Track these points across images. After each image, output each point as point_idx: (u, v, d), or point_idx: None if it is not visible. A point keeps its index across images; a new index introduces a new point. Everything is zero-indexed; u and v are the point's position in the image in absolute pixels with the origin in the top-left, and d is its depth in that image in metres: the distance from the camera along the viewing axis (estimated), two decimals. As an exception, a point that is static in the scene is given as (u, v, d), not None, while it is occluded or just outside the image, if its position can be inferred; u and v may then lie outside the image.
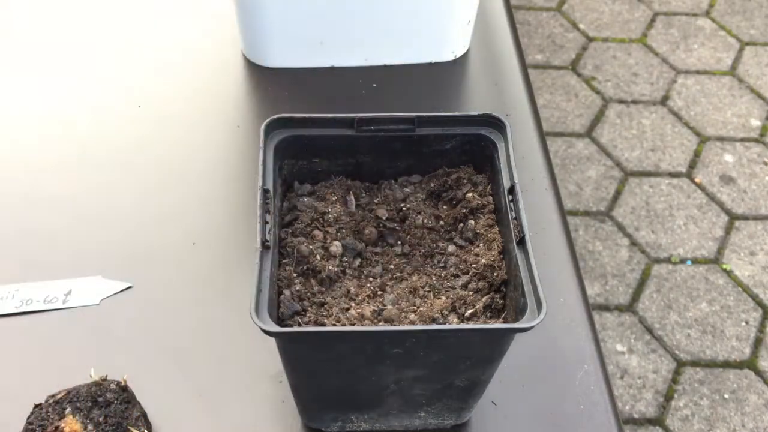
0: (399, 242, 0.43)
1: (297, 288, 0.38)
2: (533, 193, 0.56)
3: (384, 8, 0.60)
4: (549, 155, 0.60)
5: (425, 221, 0.43)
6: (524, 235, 0.37)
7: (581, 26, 1.65)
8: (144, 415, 0.41)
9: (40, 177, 0.56)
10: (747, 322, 1.18)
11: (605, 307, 1.19)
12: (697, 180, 1.37)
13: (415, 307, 0.39)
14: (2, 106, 0.62)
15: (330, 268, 0.39)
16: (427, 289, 0.40)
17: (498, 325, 0.37)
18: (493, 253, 0.40)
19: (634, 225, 1.30)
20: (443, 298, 0.39)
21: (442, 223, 0.43)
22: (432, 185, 0.44)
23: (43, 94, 0.63)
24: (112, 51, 0.67)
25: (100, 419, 0.38)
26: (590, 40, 1.62)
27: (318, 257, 0.40)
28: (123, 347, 0.46)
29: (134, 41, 0.68)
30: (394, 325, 0.36)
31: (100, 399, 0.39)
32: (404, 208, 0.43)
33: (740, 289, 1.22)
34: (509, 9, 0.73)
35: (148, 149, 0.59)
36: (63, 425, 0.37)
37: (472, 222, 0.42)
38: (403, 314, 0.38)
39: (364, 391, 0.39)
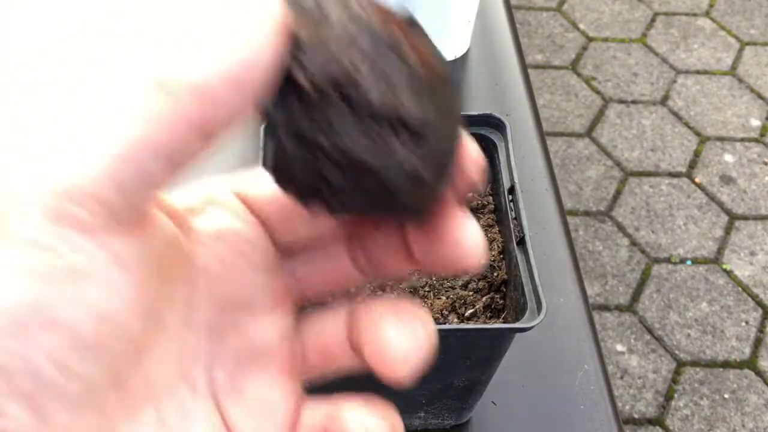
0: (399, 242, 0.43)
1: (297, 288, 0.38)
2: (533, 193, 0.56)
3: (384, 8, 0.60)
4: (549, 155, 0.60)
5: (425, 221, 0.43)
6: (524, 235, 0.37)
7: (581, 26, 1.65)
8: None
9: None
10: (747, 322, 1.18)
11: (605, 307, 1.19)
12: (697, 180, 1.37)
13: (415, 307, 0.39)
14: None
15: (330, 268, 0.39)
16: (426, 289, 0.40)
17: (498, 325, 0.37)
18: (493, 253, 0.40)
19: (634, 225, 1.30)
20: (443, 298, 0.39)
21: (442, 223, 0.43)
22: (432, 185, 0.44)
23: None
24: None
25: None
26: (590, 40, 1.62)
27: (318, 257, 0.40)
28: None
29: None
30: (394, 325, 0.36)
31: None
32: (404, 208, 0.43)
33: (740, 289, 1.22)
34: (509, 9, 0.73)
35: (148, 149, 0.59)
36: None
37: (472, 222, 0.42)
38: (403, 314, 0.38)
39: (363, 391, 0.39)
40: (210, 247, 0.19)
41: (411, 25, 0.17)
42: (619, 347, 1.15)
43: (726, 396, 1.10)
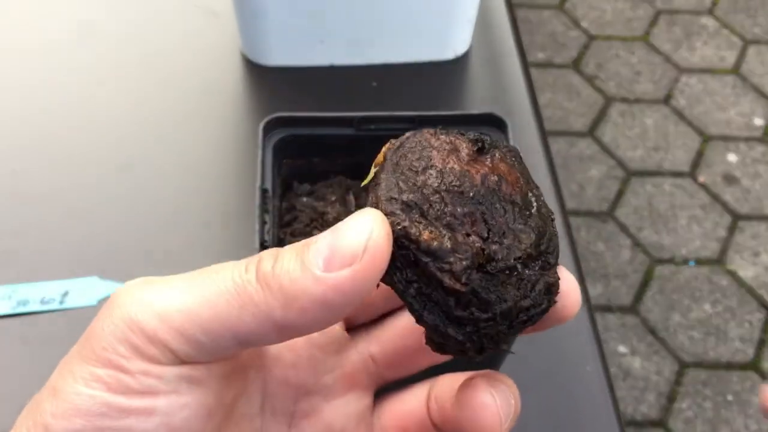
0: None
1: (295, 289, 0.38)
2: (535, 192, 0.55)
3: (384, 7, 0.60)
4: (551, 155, 0.59)
5: (425, 221, 0.42)
6: (525, 236, 0.36)
7: (583, 24, 1.64)
8: None
9: (36, 176, 0.56)
10: (751, 323, 1.17)
11: (607, 308, 1.18)
12: (700, 180, 1.36)
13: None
14: None
15: (328, 269, 0.39)
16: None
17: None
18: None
19: (637, 225, 1.29)
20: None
21: (442, 223, 0.42)
22: (432, 185, 0.44)
23: (39, 91, 0.63)
24: (108, 48, 0.66)
25: None
26: (592, 38, 1.61)
27: (316, 258, 0.39)
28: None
29: (131, 39, 0.67)
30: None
31: None
32: (404, 208, 0.43)
33: (744, 290, 1.21)
34: (511, 7, 0.72)
35: (146, 148, 0.58)
36: None
37: (473, 222, 0.41)
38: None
39: None
40: None
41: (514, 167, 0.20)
42: (622, 348, 1.14)
43: (729, 398, 1.09)
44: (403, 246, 0.18)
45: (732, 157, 1.40)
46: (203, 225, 0.53)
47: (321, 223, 0.41)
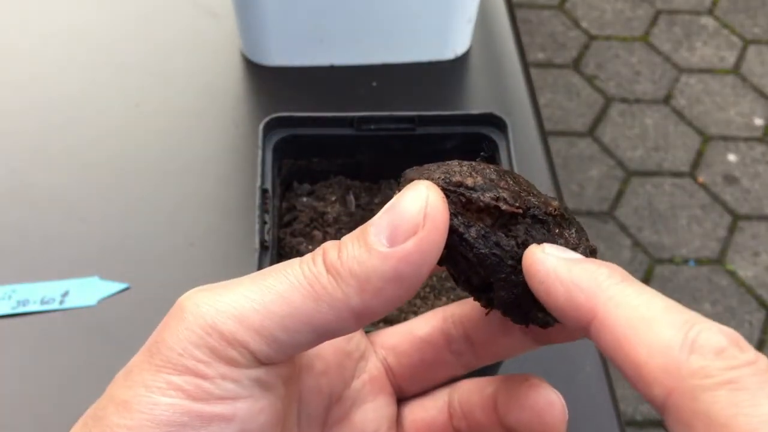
0: (399, 243, 0.42)
1: (295, 289, 0.38)
2: (535, 192, 0.55)
3: (384, 6, 0.60)
4: (551, 155, 0.59)
5: (425, 221, 0.42)
6: (525, 236, 0.36)
7: (583, 24, 1.64)
8: None
9: (36, 176, 0.56)
10: (751, 323, 1.17)
11: (607, 308, 1.18)
12: (700, 180, 1.36)
13: (416, 308, 0.38)
14: None
15: (328, 268, 0.39)
16: (427, 290, 0.39)
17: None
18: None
19: (637, 225, 1.29)
20: (443, 298, 0.38)
21: (442, 223, 0.42)
22: (432, 185, 0.44)
23: (38, 90, 0.63)
24: (109, 48, 0.66)
25: None
26: (592, 38, 1.61)
27: (316, 258, 0.39)
28: (120, 349, 0.46)
29: (130, 38, 0.67)
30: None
31: None
32: (404, 208, 0.43)
33: (744, 290, 1.21)
34: (511, 7, 0.72)
35: (146, 148, 0.58)
36: None
37: (473, 222, 0.41)
38: (403, 315, 0.37)
39: None
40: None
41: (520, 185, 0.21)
42: (622, 348, 1.14)
43: (729, 397, 1.09)
44: (452, 192, 0.19)
45: (732, 157, 1.40)
46: (203, 225, 0.53)
47: (321, 223, 0.41)
